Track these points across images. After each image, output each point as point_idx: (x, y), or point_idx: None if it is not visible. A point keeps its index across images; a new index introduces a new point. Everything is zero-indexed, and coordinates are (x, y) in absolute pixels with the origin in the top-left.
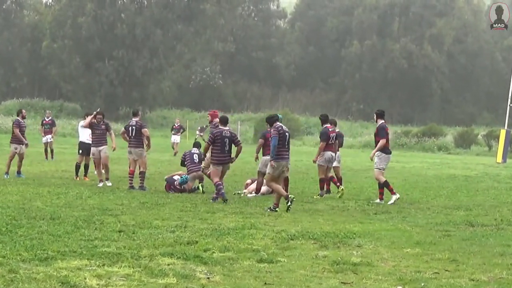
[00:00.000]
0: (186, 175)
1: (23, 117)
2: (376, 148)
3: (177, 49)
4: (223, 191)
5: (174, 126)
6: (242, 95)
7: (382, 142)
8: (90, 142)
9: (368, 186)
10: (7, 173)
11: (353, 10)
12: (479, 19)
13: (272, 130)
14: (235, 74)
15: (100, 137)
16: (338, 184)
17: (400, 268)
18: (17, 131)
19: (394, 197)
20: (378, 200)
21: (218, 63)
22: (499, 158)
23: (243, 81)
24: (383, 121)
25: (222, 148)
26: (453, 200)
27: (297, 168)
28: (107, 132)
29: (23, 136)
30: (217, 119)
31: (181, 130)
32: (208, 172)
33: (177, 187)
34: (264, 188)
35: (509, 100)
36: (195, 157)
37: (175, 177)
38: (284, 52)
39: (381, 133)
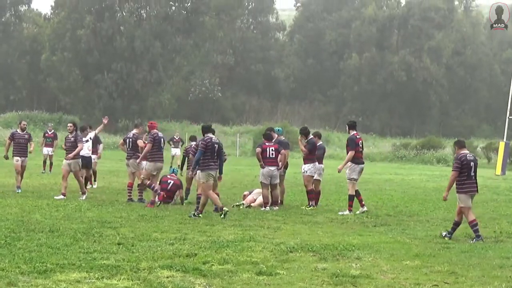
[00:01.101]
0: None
1: (22, 129)
2: (345, 159)
3: (176, 61)
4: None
5: (174, 140)
6: (241, 108)
7: (350, 153)
8: (89, 155)
9: (367, 199)
10: (18, 187)
11: (351, 23)
12: (477, 31)
13: (200, 143)
14: (234, 87)
15: (70, 150)
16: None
17: (399, 280)
18: (7, 142)
19: (347, 212)
20: (361, 209)
21: (217, 75)
22: (498, 171)
23: (242, 93)
24: (355, 132)
25: (211, 155)
26: (452, 213)
27: (296, 180)
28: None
29: (19, 148)
30: (155, 130)
31: (181, 143)
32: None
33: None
34: (257, 201)
35: (508, 112)
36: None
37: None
38: (283, 64)
39: (351, 144)
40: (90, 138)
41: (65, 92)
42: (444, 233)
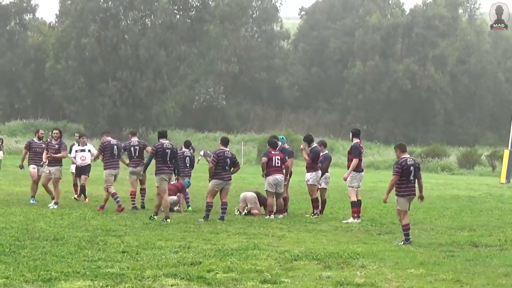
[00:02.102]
0: (188, 179)
1: (40, 138)
2: (350, 168)
3: (181, 70)
4: (209, 213)
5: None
6: (246, 116)
7: (355, 161)
8: (81, 164)
9: (372, 207)
10: (33, 197)
11: (355, 31)
12: (482, 40)
13: (151, 148)
14: (238, 95)
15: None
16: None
17: None
18: (23, 151)
19: (351, 220)
20: (351, 219)
21: (221, 84)
22: (503, 179)
23: (246, 101)
24: (358, 140)
25: (223, 167)
26: (457, 221)
27: (300, 188)
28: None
29: (36, 157)
30: (109, 138)
31: (192, 151)
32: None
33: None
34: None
35: None
36: (187, 160)
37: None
38: (287, 73)
39: (354, 152)
40: (89, 150)
41: (69, 101)
42: (400, 242)
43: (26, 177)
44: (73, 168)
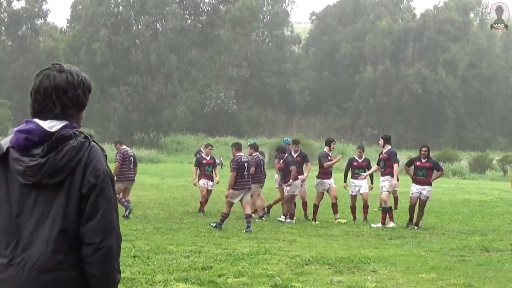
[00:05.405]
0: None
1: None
2: (395, 173)
3: (192, 74)
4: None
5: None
6: (257, 120)
7: (396, 166)
8: None
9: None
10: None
11: (366, 35)
12: (493, 44)
13: None
14: (249, 99)
15: None
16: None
17: None
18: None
19: (391, 224)
20: (391, 223)
21: (232, 88)
22: None
23: (257, 106)
24: (390, 146)
25: (128, 166)
26: (468, 225)
27: (312, 194)
28: None
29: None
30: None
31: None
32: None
33: None
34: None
35: None
36: (261, 164)
37: None
38: (298, 77)
39: (394, 158)
40: None
41: None
42: (213, 224)
43: None
44: None
